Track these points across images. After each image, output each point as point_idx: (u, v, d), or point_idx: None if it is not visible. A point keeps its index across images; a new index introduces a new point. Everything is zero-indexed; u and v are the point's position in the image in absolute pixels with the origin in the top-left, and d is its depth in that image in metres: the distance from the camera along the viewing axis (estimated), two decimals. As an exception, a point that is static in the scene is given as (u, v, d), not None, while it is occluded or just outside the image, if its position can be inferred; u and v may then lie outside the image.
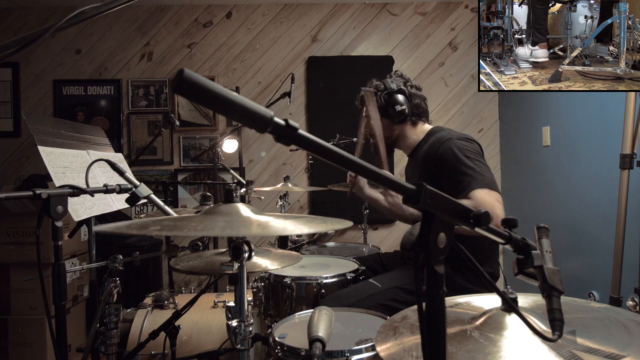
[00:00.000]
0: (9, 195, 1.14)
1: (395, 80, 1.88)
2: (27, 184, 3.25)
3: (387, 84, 1.87)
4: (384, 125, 1.87)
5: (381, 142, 1.80)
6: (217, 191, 3.36)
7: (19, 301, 2.75)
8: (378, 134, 1.79)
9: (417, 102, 1.89)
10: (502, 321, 0.80)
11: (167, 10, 3.77)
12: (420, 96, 1.91)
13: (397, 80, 1.88)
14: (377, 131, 1.79)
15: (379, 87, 1.88)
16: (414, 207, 0.53)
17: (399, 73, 1.93)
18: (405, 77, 1.91)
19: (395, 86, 1.86)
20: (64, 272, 1.21)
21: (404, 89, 1.86)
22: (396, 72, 1.94)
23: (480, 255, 1.71)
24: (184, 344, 1.66)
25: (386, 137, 1.89)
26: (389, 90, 1.86)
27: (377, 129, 1.79)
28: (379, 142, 1.80)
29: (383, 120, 1.86)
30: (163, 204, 1.35)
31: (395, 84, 1.86)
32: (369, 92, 1.80)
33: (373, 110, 1.80)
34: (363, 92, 1.80)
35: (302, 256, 1.42)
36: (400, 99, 1.85)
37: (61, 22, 0.78)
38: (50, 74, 3.74)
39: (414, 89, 1.90)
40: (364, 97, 1.80)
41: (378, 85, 1.88)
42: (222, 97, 0.43)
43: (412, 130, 1.91)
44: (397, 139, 1.93)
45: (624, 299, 1.90)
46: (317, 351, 1.03)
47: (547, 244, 0.72)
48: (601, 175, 2.44)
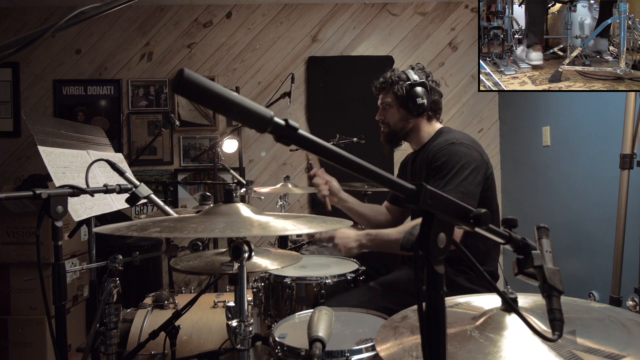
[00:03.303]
0: (9, 195, 1.14)
1: (418, 72, 1.85)
2: (27, 184, 3.25)
3: (410, 75, 1.83)
4: (400, 115, 1.86)
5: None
6: (217, 191, 3.36)
7: (19, 301, 2.75)
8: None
9: (436, 98, 1.86)
10: (502, 321, 0.80)
11: (167, 10, 3.77)
12: (439, 92, 1.89)
13: (419, 73, 1.85)
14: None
15: (401, 77, 1.84)
16: (414, 207, 0.53)
17: (422, 66, 1.90)
18: (426, 70, 1.88)
19: (418, 78, 1.82)
20: (64, 272, 1.21)
21: (425, 83, 1.83)
22: (418, 65, 1.91)
23: (481, 255, 1.71)
24: (184, 344, 1.66)
25: (399, 129, 1.88)
26: (411, 82, 1.82)
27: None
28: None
29: (400, 110, 1.85)
30: (163, 204, 1.35)
31: (417, 75, 1.83)
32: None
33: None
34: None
35: (302, 256, 1.42)
36: (421, 92, 1.81)
37: (61, 22, 0.78)
38: (50, 74, 3.73)
39: (435, 84, 1.87)
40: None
41: (400, 75, 1.85)
42: (222, 97, 0.43)
43: (426, 126, 1.88)
44: (409, 131, 1.89)
45: (624, 299, 1.90)
46: (317, 351, 1.03)
47: (547, 244, 0.72)
48: (601, 175, 2.44)
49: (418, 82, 1.82)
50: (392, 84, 1.85)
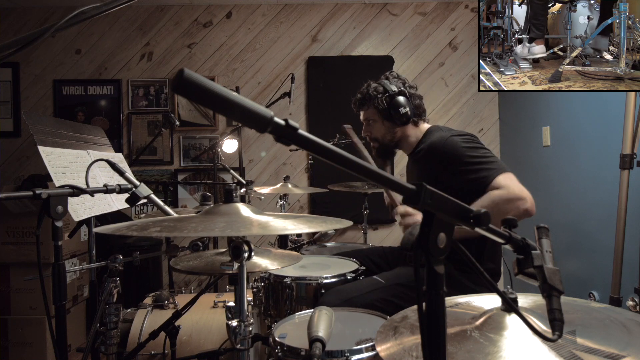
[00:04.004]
0: (9, 195, 1.14)
1: (394, 81, 1.85)
2: (27, 184, 3.25)
3: (386, 86, 1.83)
4: (386, 128, 1.86)
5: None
6: (217, 191, 3.36)
7: (19, 301, 2.75)
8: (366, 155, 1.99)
9: (418, 103, 1.87)
10: (502, 321, 0.80)
11: (167, 10, 3.77)
12: (419, 96, 1.89)
13: (395, 81, 1.85)
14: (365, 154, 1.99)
15: (378, 90, 1.84)
16: (414, 207, 0.53)
17: (395, 74, 1.90)
18: (402, 77, 1.89)
19: (396, 88, 1.82)
20: (64, 272, 1.21)
21: (404, 90, 1.83)
22: (392, 73, 1.90)
23: (483, 251, 1.71)
24: (184, 344, 1.66)
25: (388, 140, 1.89)
26: (390, 93, 1.82)
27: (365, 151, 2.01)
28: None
29: (385, 123, 1.85)
30: (163, 204, 1.35)
31: (395, 85, 1.83)
32: (349, 129, 2.01)
33: (358, 143, 2.03)
34: (345, 128, 2.01)
35: (302, 256, 1.42)
36: (402, 101, 1.81)
37: (61, 22, 0.78)
38: (50, 74, 3.73)
39: (412, 89, 1.87)
40: (347, 132, 2.05)
41: (377, 87, 1.84)
42: (222, 97, 0.43)
43: (413, 131, 1.88)
44: (399, 140, 1.90)
45: (624, 299, 1.90)
46: (317, 351, 1.03)
47: (547, 244, 0.72)
48: (601, 175, 2.44)
49: (397, 92, 1.81)
50: (370, 98, 1.84)
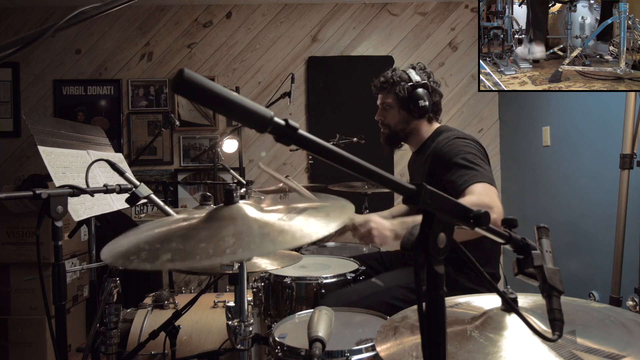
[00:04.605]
0: (9, 195, 1.14)
1: (419, 73, 1.79)
2: (27, 184, 3.25)
3: (411, 76, 1.77)
4: (401, 117, 1.81)
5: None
6: (217, 191, 3.36)
7: (19, 301, 2.75)
8: None
9: (437, 100, 1.81)
10: (502, 321, 0.80)
11: (167, 10, 3.77)
12: (440, 93, 1.83)
13: (420, 73, 1.79)
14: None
15: (403, 77, 1.77)
16: (415, 206, 0.53)
17: (422, 65, 1.83)
18: (428, 71, 1.82)
19: (420, 79, 1.76)
20: (64, 272, 1.21)
21: (427, 84, 1.77)
22: (419, 64, 1.84)
23: (482, 256, 1.71)
24: (184, 344, 1.66)
25: (399, 130, 1.84)
26: (413, 83, 1.76)
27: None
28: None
29: (401, 111, 1.80)
30: (163, 204, 1.35)
31: (419, 76, 1.77)
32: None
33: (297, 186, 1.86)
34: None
35: (302, 256, 1.42)
36: (423, 94, 1.75)
37: (61, 22, 0.78)
38: (50, 74, 3.73)
39: (436, 85, 1.81)
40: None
41: (402, 75, 1.78)
42: (222, 97, 0.43)
43: (426, 127, 1.84)
44: (409, 133, 1.85)
45: (624, 299, 1.90)
46: (317, 351, 1.03)
47: (547, 244, 0.72)
48: (601, 175, 2.44)
49: (420, 84, 1.76)
50: (393, 84, 1.79)
